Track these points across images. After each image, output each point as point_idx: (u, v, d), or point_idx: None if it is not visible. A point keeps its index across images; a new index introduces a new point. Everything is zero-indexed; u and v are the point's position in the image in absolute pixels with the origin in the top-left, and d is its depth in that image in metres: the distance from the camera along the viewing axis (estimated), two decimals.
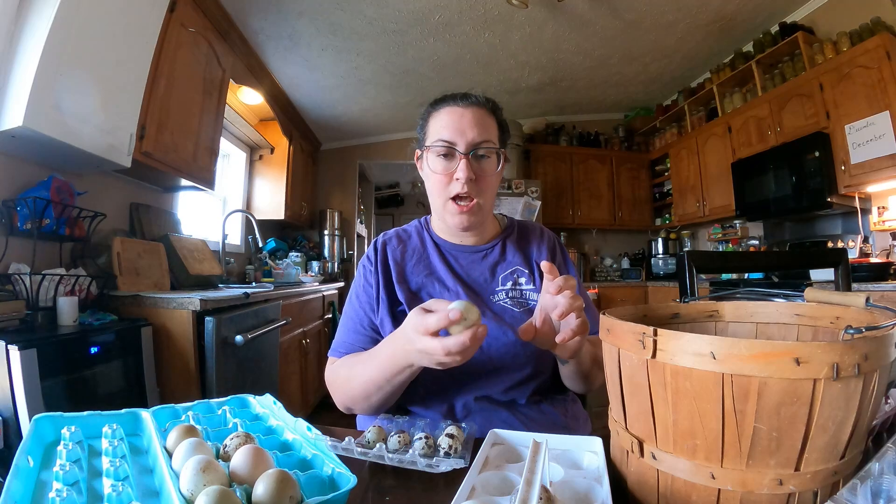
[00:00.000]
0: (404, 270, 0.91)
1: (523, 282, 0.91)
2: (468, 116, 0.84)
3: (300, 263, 3.77)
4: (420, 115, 0.93)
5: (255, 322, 2.06)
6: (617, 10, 3.07)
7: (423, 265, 0.92)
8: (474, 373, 0.83)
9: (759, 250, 3.59)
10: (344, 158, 4.97)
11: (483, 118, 0.85)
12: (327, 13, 2.81)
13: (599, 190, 4.78)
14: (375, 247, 0.95)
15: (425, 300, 0.85)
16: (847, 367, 0.37)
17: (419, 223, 1.01)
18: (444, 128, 0.84)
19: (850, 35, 2.79)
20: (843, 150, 2.75)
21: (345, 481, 0.45)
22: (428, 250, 0.94)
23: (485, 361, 0.83)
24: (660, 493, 0.45)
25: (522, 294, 0.89)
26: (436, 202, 0.88)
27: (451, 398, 0.84)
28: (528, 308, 0.88)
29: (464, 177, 0.81)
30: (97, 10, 1.54)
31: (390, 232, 0.99)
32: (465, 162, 0.82)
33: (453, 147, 0.83)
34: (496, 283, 0.90)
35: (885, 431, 0.57)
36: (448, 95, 0.89)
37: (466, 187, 0.82)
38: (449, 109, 0.86)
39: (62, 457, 0.47)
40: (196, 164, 2.32)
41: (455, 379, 0.83)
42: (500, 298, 0.88)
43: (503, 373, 0.83)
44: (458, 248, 0.94)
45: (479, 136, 0.83)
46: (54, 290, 1.51)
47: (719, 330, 0.64)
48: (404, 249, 0.94)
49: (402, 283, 0.89)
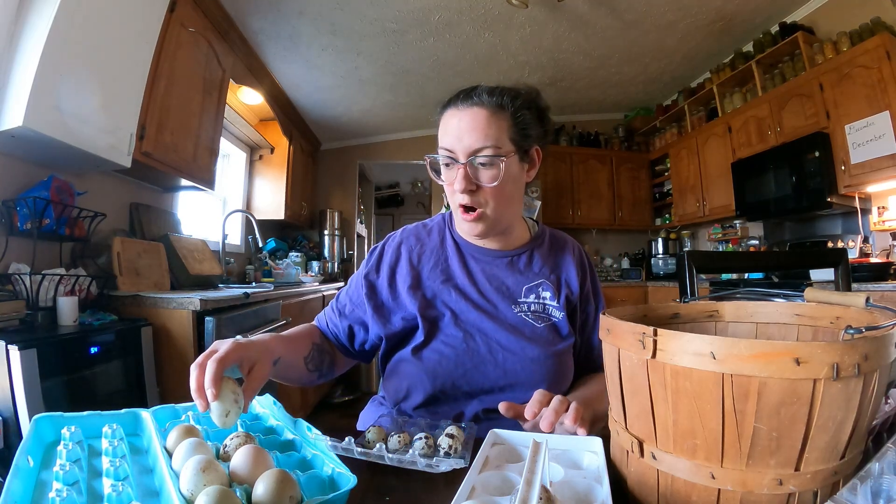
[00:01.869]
0: (420, 275, 0.87)
1: (547, 296, 0.85)
2: (466, 120, 0.76)
3: (300, 263, 3.77)
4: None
5: (255, 322, 2.06)
6: (617, 10, 3.07)
7: (441, 270, 0.87)
8: (488, 387, 0.81)
9: (759, 250, 3.59)
10: (344, 158, 4.97)
11: (486, 120, 0.76)
12: (327, 13, 2.81)
13: (599, 190, 4.78)
14: (384, 247, 0.91)
15: (440, 309, 0.84)
16: (847, 367, 0.37)
17: (443, 218, 0.94)
18: (445, 134, 0.79)
19: (850, 35, 2.79)
20: (843, 150, 2.74)
21: (345, 481, 0.45)
22: (447, 252, 0.89)
23: (500, 376, 0.80)
24: (660, 493, 0.45)
25: (545, 309, 0.85)
26: (452, 209, 0.84)
27: (461, 407, 0.82)
28: (550, 323, 0.84)
29: (459, 187, 0.76)
30: (97, 10, 1.54)
31: (410, 229, 0.94)
32: (463, 171, 0.75)
33: (451, 156, 0.78)
34: (520, 293, 0.85)
35: (885, 431, 0.57)
36: (455, 94, 0.81)
37: (467, 198, 0.77)
38: (450, 113, 0.79)
39: (62, 457, 0.47)
40: (196, 164, 2.32)
41: (467, 393, 0.81)
42: (521, 310, 0.84)
43: (517, 388, 0.80)
44: (481, 251, 0.88)
45: (477, 141, 0.75)
46: (54, 290, 1.51)
47: (719, 330, 0.64)
48: (422, 251, 0.89)
49: (416, 289, 0.85)
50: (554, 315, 0.85)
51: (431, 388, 0.81)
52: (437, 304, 0.84)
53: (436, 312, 0.84)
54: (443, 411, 0.82)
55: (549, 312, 0.85)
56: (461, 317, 0.83)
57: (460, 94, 0.80)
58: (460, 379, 0.80)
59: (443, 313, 0.83)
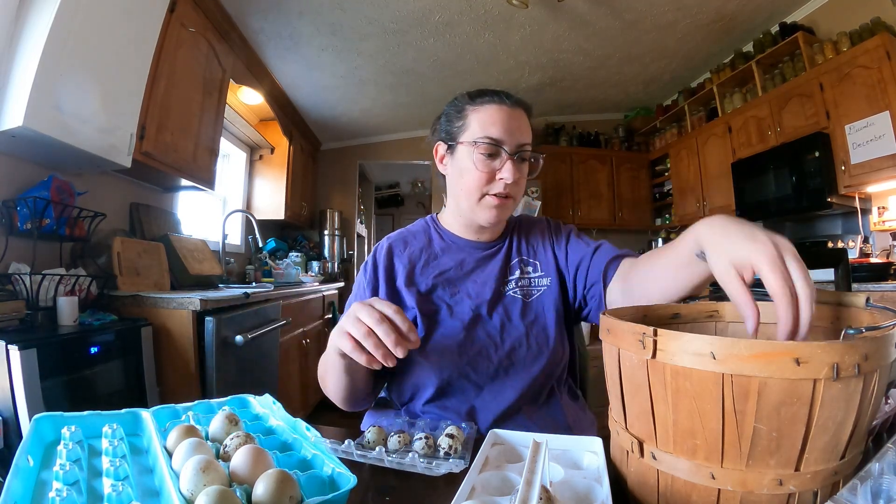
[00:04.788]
0: (413, 273, 0.89)
1: (530, 270, 0.91)
2: (515, 117, 0.82)
3: (300, 263, 3.77)
4: (451, 106, 0.89)
5: (255, 322, 2.06)
6: (617, 10, 3.07)
7: (432, 266, 0.90)
8: (493, 371, 0.82)
9: None
10: (344, 158, 4.97)
11: (525, 121, 0.84)
12: (327, 13, 2.81)
13: (599, 190, 4.78)
14: (375, 256, 0.93)
15: (436, 303, 0.86)
16: (847, 368, 0.37)
17: (426, 222, 0.98)
18: (493, 125, 0.81)
19: (850, 35, 2.79)
20: (843, 150, 2.74)
21: (345, 481, 0.45)
22: (436, 250, 0.92)
23: (502, 357, 0.83)
24: (660, 493, 0.45)
25: (531, 282, 0.89)
26: (469, 197, 0.85)
27: (470, 401, 0.82)
28: (538, 295, 0.88)
29: (511, 178, 0.80)
30: (97, 10, 1.54)
31: (394, 235, 0.97)
32: (512, 163, 0.81)
33: (501, 146, 0.81)
34: (507, 273, 0.90)
35: (885, 431, 0.57)
36: (489, 91, 0.85)
37: (509, 188, 0.82)
38: (496, 107, 0.83)
39: (62, 456, 0.47)
40: (196, 164, 2.32)
41: (475, 383, 0.82)
42: (510, 288, 0.88)
43: (519, 366, 0.83)
44: (472, 244, 0.92)
45: (525, 137, 0.83)
46: (54, 290, 1.51)
47: (719, 330, 0.64)
48: (411, 252, 0.92)
49: (410, 286, 0.88)
50: (542, 285, 0.89)
51: (438, 380, 0.82)
52: (433, 299, 0.87)
53: (433, 307, 0.86)
54: (452, 405, 0.82)
55: (533, 285, 0.89)
56: (456, 308, 0.86)
57: (500, 93, 0.85)
58: (465, 367, 0.82)
59: (439, 307, 0.86)
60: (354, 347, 0.61)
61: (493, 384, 0.82)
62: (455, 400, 0.83)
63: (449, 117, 0.88)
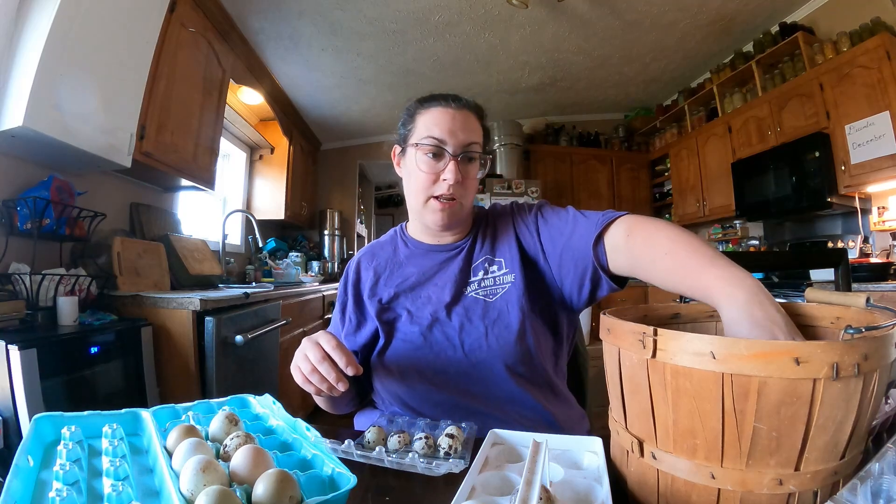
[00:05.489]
0: (377, 284, 0.91)
1: (495, 269, 0.88)
2: (459, 118, 0.83)
3: (300, 263, 3.77)
4: (405, 111, 0.91)
5: (255, 322, 2.06)
6: (617, 10, 3.07)
7: (396, 275, 0.91)
8: (453, 373, 0.82)
9: (759, 250, 3.59)
10: (344, 158, 4.97)
11: (472, 122, 0.85)
12: (327, 13, 2.81)
13: (599, 190, 4.78)
14: (347, 271, 0.96)
15: (397, 311, 0.87)
16: (847, 367, 0.37)
17: (395, 231, 0.99)
18: (435, 126, 0.82)
19: (850, 35, 2.79)
20: (843, 151, 2.74)
21: (345, 481, 0.45)
22: (401, 258, 0.93)
23: (461, 357, 0.82)
24: (660, 493, 0.45)
25: (495, 281, 0.87)
26: (416, 200, 0.86)
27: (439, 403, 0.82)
28: (499, 296, 0.84)
29: (452, 178, 0.80)
30: (97, 10, 1.54)
31: (365, 248, 0.99)
32: (455, 164, 0.81)
33: (443, 147, 0.82)
34: (469, 275, 0.88)
35: (885, 431, 0.57)
36: (438, 95, 0.87)
37: (452, 189, 0.81)
38: (441, 109, 0.84)
39: (62, 456, 0.47)
40: (196, 164, 2.32)
41: (441, 385, 0.82)
42: (472, 290, 0.87)
43: (482, 367, 0.81)
44: (435, 248, 0.92)
45: (469, 138, 0.83)
46: (54, 290, 1.51)
47: (719, 330, 0.64)
48: (377, 263, 0.94)
49: (373, 297, 0.90)
50: (505, 282, 0.86)
51: (402, 385, 0.83)
52: (395, 307, 0.88)
53: (392, 315, 0.88)
54: (426, 405, 0.83)
55: (497, 283, 0.87)
56: (416, 314, 0.86)
57: (448, 96, 0.86)
58: (427, 369, 0.82)
59: (399, 314, 0.87)
60: (304, 381, 0.69)
61: (458, 385, 0.81)
62: (430, 404, 0.83)
63: (403, 121, 0.90)
